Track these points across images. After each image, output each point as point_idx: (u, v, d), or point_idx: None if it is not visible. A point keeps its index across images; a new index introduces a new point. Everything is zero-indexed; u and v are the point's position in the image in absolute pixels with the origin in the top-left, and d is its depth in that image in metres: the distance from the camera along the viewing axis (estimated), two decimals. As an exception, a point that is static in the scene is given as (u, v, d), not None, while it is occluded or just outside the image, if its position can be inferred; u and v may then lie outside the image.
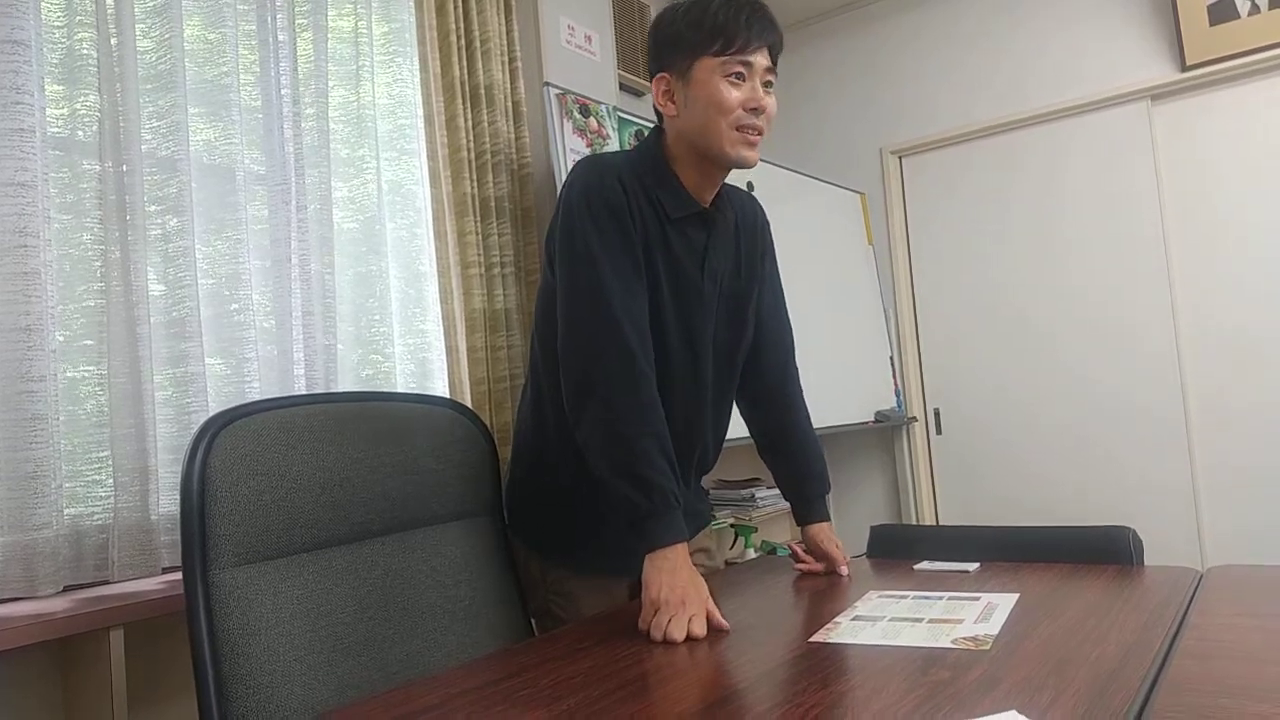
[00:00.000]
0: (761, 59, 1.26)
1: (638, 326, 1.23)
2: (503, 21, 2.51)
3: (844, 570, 1.42)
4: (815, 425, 1.56)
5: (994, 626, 1.02)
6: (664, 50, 1.29)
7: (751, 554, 2.90)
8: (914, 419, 3.68)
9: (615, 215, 1.25)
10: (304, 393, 1.95)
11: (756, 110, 1.25)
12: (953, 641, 0.97)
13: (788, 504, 1.55)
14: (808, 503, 1.50)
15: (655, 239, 1.29)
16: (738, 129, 1.25)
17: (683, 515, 1.19)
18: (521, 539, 1.44)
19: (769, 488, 3.07)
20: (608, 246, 1.23)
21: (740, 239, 1.43)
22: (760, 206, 1.53)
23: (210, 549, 1.05)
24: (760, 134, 1.28)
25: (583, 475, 1.30)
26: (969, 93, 3.54)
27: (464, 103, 2.35)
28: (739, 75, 1.24)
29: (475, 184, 2.36)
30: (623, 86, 3.08)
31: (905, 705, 0.78)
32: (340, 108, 2.15)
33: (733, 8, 1.24)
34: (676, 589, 1.11)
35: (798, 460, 1.52)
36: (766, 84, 1.28)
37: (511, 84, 2.50)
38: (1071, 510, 3.29)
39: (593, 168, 1.29)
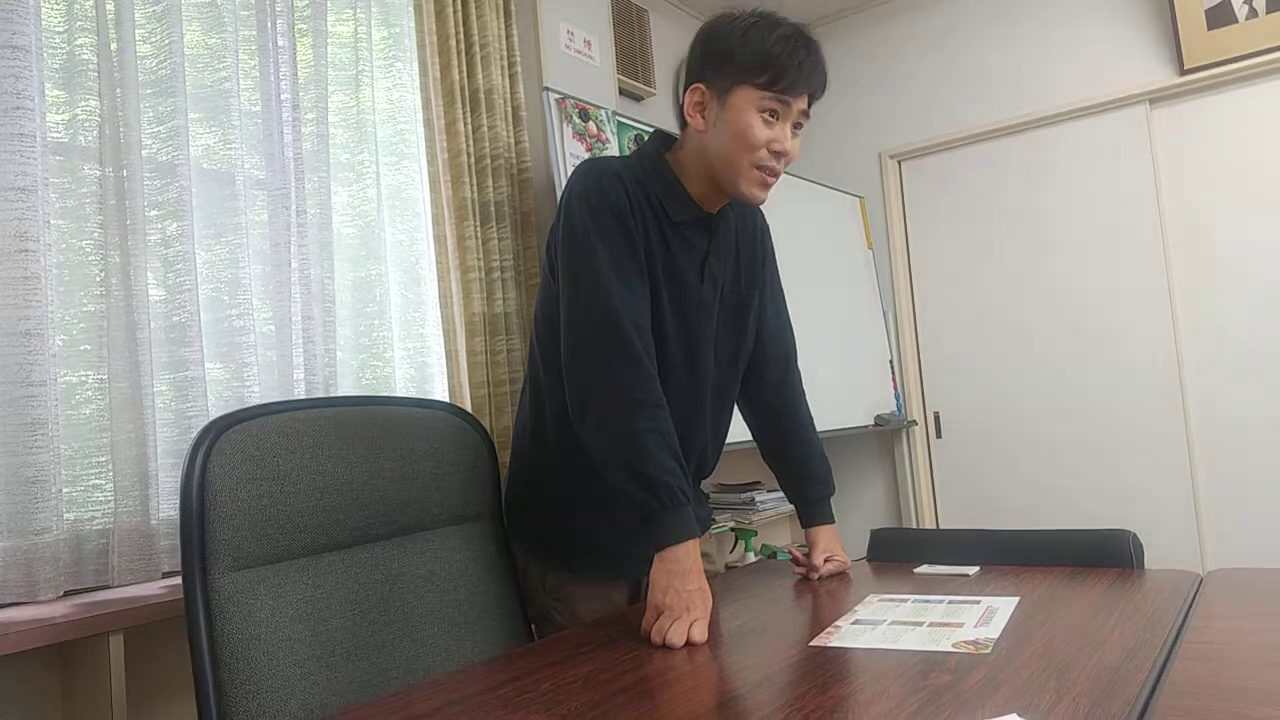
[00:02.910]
0: (800, 103, 1.24)
1: (640, 326, 1.23)
2: (502, 26, 2.52)
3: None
4: (816, 428, 1.57)
5: (994, 630, 1.02)
6: (709, 62, 1.25)
7: (752, 558, 2.89)
8: (914, 422, 3.68)
9: (617, 216, 1.25)
10: (304, 397, 1.95)
11: (779, 154, 1.24)
12: (953, 645, 0.97)
13: (788, 508, 1.55)
14: (810, 505, 1.50)
15: (656, 242, 1.29)
16: (757, 168, 1.24)
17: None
18: (520, 542, 1.43)
19: (769, 491, 3.07)
20: (610, 247, 1.23)
21: (740, 245, 1.43)
22: (760, 212, 1.53)
23: (210, 554, 1.05)
24: (777, 176, 1.27)
25: (582, 478, 1.30)
26: (967, 97, 3.55)
27: (464, 107, 2.36)
28: (773, 113, 1.22)
29: (475, 188, 2.37)
30: (622, 91, 3.09)
31: (906, 709, 0.78)
32: (340, 113, 2.15)
33: (791, 45, 1.21)
34: (682, 595, 1.11)
35: (800, 463, 1.52)
36: (796, 125, 1.26)
37: (511, 89, 2.51)
38: (1072, 514, 3.29)
39: (594, 170, 1.29)
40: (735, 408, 1.53)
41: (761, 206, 1.53)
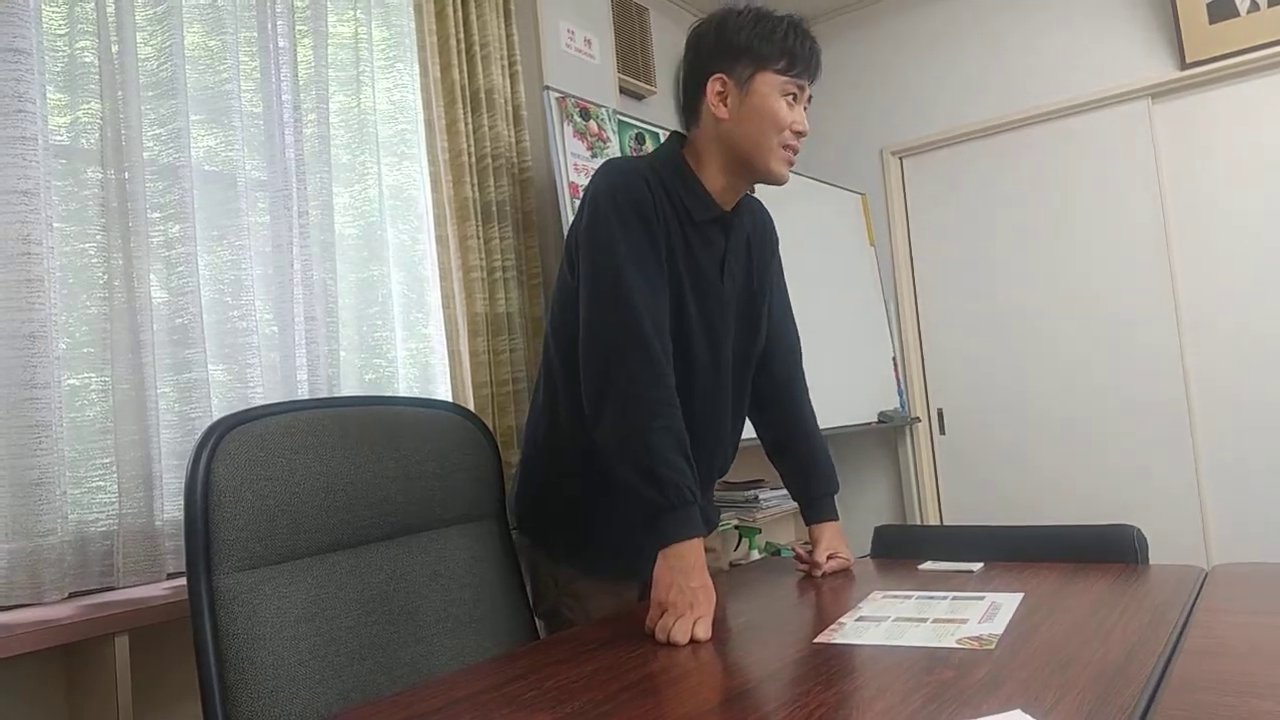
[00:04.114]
0: (808, 88, 1.33)
1: (660, 329, 1.24)
2: (502, 26, 2.52)
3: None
4: (819, 426, 1.57)
5: (998, 626, 1.02)
6: (726, 53, 1.30)
7: (756, 555, 2.89)
8: (917, 419, 3.67)
9: (641, 216, 1.26)
10: (307, 398, 1.95)
11: (800, 133, 1.31)
12: (957, 641, 0.97)
13: (791, 506, 1.55)
14: (814, 502, 1.50)
15: (678, 242, 1.30)
16: (784, 147, 1.30)
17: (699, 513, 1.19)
18: (530, 540, 1.44)
19: (773, 489, 3.07)
20: (633, 247, 1.24)
21: (752, 244, 1.44)
22: (768, 212, 1.54)
23: (214, 554, 1.05)
24: (797, 154, 1.33)
25: (597, 476, 1.30)
26: (969, 92, 3.54)
27: (464, 107, 2.36)
28: (794, 97, 1.30)
29: (476, 188, 2.37)
30: (623, 90, 3.08)
31: (910, 705, 0.78)
32: (341, 113, 2.15)
33: (799, 35, 1.29)
34: (686, 592, 1.11)
35: (804, 460, 1.53)
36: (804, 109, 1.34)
37: (512, 88, 2.51)
38: (1075, 509, 3.29)
39: (618, 169, 1.30)
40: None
41: (764, 203, 1.54)
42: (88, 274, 1.67)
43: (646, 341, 1.21)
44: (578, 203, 1.46)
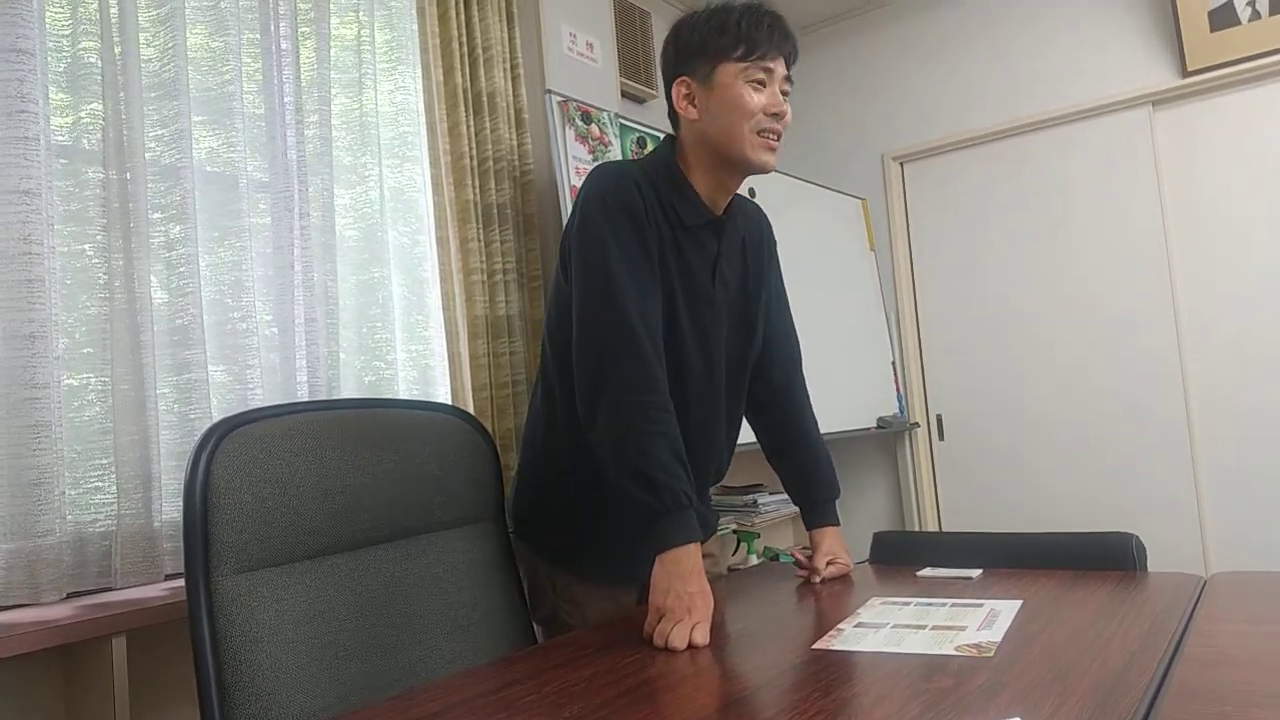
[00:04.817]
0: (780, 67, 1.30)
1: (651, 329, 1.24)
2: (505, 29, 2.52)
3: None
4: (820, 431, 1.56)
5: (997, 633, 1.02)
6: (685, 55, 1.31)
7: (754, 560, 2.89)
8: (916, 425, 3.67)
9: (632, 219, 1.26)
10: (307, 400, 1.95)
11: (777, 115, 1.29)
12: (956, 648, 0.97)
13: (790, 510, 1.55)
14: (816, 507, 1.50)
15: (669, 246, 1.30)
16: (759, 133, 1.28)
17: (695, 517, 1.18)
18: (529, 544, 1.43)
19: (772, 493, 3.07)
20: (623, 250, 1.24)
21: (747, 248, 1.44)
22: (765, 216, 1.54)
23: (213, 556, 1.05)
24: (779, 138, 1.31)
25: (593, 479, 1.30)
26: (970, 99, 3.55)
27: (466, 110, 2.36)
28: (760, 82, 1.28)
29: (478, 191, 2.37)
30: (624, 93, 3.09)
31: (908, 712, 0.78)
32: (343, 115, 2.15)
33: (754, 17, 1.27)
34: (683, 597, 1.11)
35: (805, 465, 1.53)
36: (784, 92, 1.31)
37: (514, 91, 2.51)
38: (1075, 516, 3.28)
39: (609, 173, 1.31)
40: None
41: (763, 208, 1.54)
42: (88, 274, 1.67)
43: (638, 342, 1.21)
44: (576, 205, 1.46)
